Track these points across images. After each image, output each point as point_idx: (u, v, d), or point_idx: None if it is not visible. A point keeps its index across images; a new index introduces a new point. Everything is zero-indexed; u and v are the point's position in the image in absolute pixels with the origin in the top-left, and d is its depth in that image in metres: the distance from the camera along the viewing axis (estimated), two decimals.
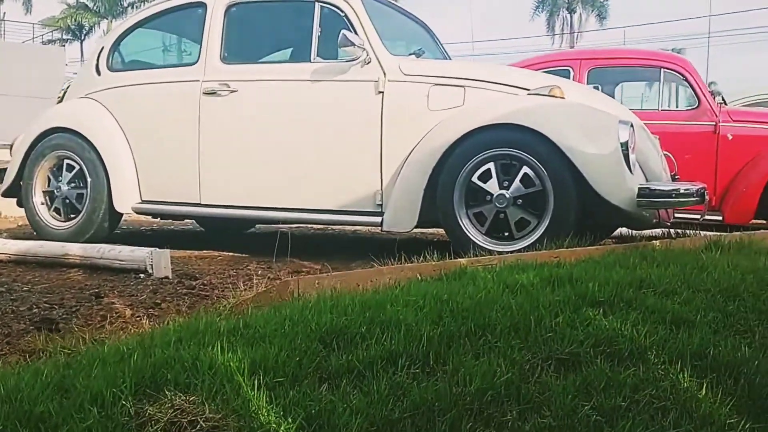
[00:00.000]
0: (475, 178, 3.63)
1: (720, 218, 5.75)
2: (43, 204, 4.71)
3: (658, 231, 4.14)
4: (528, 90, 3.77)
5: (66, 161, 4.64)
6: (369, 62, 3.96)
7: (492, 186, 3.59)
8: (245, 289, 2.76)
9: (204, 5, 4.41)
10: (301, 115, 4.08)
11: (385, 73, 3.93)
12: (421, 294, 2.35)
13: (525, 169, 3.53)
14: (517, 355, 2.00)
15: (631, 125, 3.53)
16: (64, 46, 35.10)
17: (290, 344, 1.92)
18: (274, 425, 1.57)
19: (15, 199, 4.93)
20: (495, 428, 1.73)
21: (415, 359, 1.91)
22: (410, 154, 3.81)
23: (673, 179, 4.09)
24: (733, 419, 1.80)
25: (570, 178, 3.45)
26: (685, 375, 1.96)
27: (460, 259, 3.00)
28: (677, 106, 6.25)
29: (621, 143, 3.45)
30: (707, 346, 2.12)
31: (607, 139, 3.47)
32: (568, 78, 6.19)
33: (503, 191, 3.56)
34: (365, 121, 3.93)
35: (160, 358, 1.83)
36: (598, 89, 6.84)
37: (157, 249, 3.38)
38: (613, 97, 6.77)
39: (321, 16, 4.11)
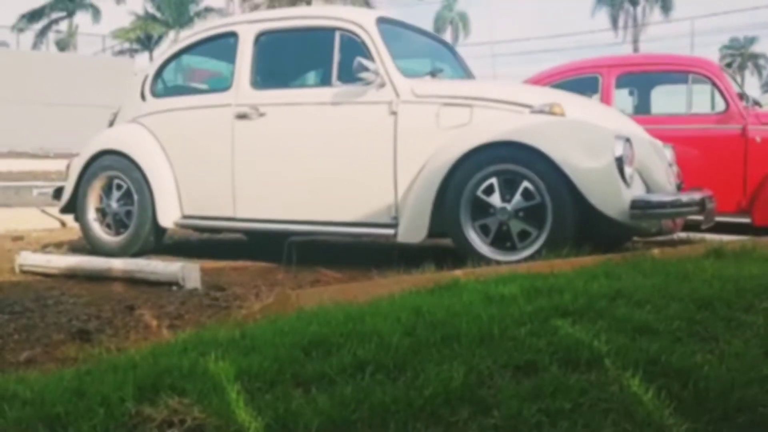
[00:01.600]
0: (479, 192, 3.87)
1: (749, 221, 5.81)
2: (95, 220, 5.16)
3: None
4: (531, 107, 3.98)
5: (115, 181, 5.08)
6: (383, 85, 4.24)
7: (495, 200, 3.82)
8: (255, 302, 3.08)
9: (236, 34, 4.78)
10: (323, 135, 4.40)
11: (398, 95, 4.20)
12: (403, 306, 2.62)
13: (525, 184, 3.76)
14: (478, 362, 2.23)
15: (627, 139, 3.70)
16: (133, 56, 36.54)
17: (275, 353, 2.22)
18: (247, 424, 1.87)
19: (73, 215, 5.41)
20: (444, 428, 1.98)
21: (382, 366, 2.17)
22: (421, 170, 4.07)
23: (679, 189, 4.23)
24: (674, 421, 2.00)
25: (567, 192, 3.65)
26: (635, 380, 2.16)
27: (456, 271, 3.26)
28: (712, 109, 6.30)
29: (616, 157, 3.63)
30: (663, 353, 2.31)
31: (602, 154, 3.66)
32: (597, 85, 6.35)
33: (505, 204, 3.79)
34: (380, 140, 4.21)
35: (163, 366, 2.16)
36: (633, 94, 7.01)
37: (188, 263, 3.74)
38: (649, 102, 6.89)
39: (340, 43, 4.41)
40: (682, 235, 4.74)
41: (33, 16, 37.62)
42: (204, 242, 6.08)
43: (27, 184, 12.15)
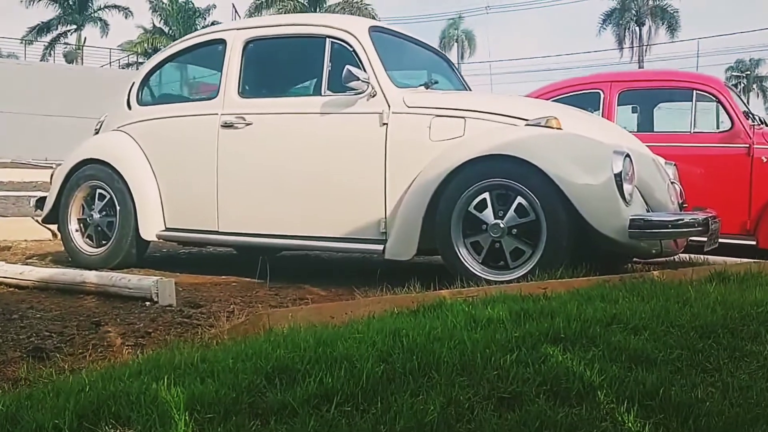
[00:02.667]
0: (471, 208, 3.69)
1: (754, 243, 5.61)
2: (77, 231, 5.00)
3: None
4: (527, 120, 3.81)
5: (98, 191, 4.92)
6: (374, 95, 4.07)
7: (487, 216, 3.64)
8: (227, 320, 2.90)
9: (224, 42, 4.62)
10: (311, 146, 4.23)
11: (389, 106, 4.03)
12: (381, 329, 2.42)
13: (519, 200, 3.57)
14: (457, 393, 2.04)
15: (627, 155, 3.52)
16: (139, 69, 36.58)
17: (234, 380, 2.03)
18: None
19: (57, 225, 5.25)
20: None
21: (350, 397, 1.98)
22: (412, 183, 3.90)
23: (681, 208, 4.04)
24: None
25: (562, 209, 3.47)
26: (631, 415, 1.97)
27: (441, 291, 3.06)
28: (716, 127, 6.12)
29: (615, 174, 3.45)
30: (662, 385, 2.11)
31: (600, 169, 3.48)
32: (598, 101, 6.18)
33: (498, 221, 3.61)
34: (370, 152, 4.04)
35: (110, 391, 1.97)
36: (635, 111, 6.83)
37: (163, 278, 3.56)
38: (651, 119, 6.71)
39: (331, 51, 4.25)
40: (684, 256, 4.55)
41: (42, 29, 37.81)
42: (192, 255, 5.90)
43: (25, 194, 12.02)
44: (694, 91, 5.90)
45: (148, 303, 3.52)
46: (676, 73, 6.58)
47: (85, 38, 39.65)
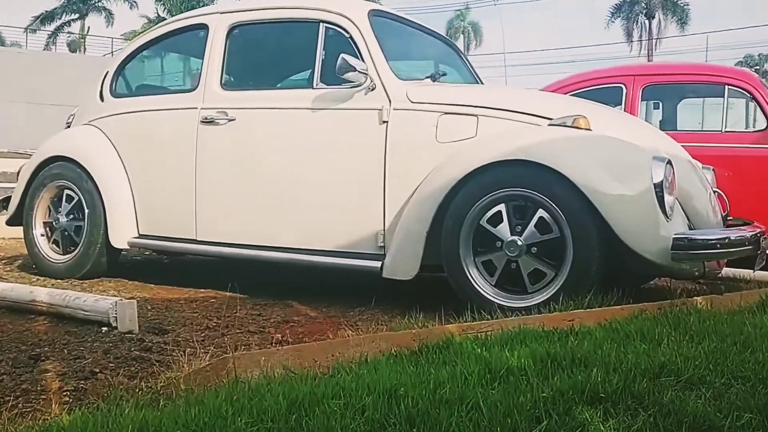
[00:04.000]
0: (483, 221, 3.17)
1: None
2: (43, 235, 4.50)
3: None
4: (550, 119, 3.28)
5: (66, 192, 4.42)
6: (373, 89, 3.56)
7: (503, 231, 3.12)
8: (190, 359, 2.39)
9: (206, 27, 4.10)
10: (301, 146, 3.71)
11: (390, 101, 3.52)
12: (374, 385, 1.91)
13: (541, 213, 3.06)
14: None
15: (669, 162, 3.00)
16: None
17: None
18: None
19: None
20: None
21: None
22: (414, 191, 3.38)
23: (725, 221, 3.51)
24: None
25: (592, 225, 2.95)
26: None
27: (448, 326, 2.55)
28: (745, 127, 5.60)
29: (654, 183, 2.93)
30: None
31: (638, 179, 2.96)
32: (621, 97, 5.64)
33: (515, 237, 3.09)
34: (368, 154, 3.53)
35: None
36: (658, 107, 6.29)
37: (123, 300, 3.05)
38: (675, 117, 6.18)
39: (325, 38, 3.73)
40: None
41: (46, 17, 37.34)
42: (173, 261, 5.38)
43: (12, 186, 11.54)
44: (727, 87, 5.35)
45: (105, 328, 3.01)
46: (707, 67, 6.03)
47: (89, 28, 39.18)
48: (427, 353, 2.33)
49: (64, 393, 2.27)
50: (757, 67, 49.85)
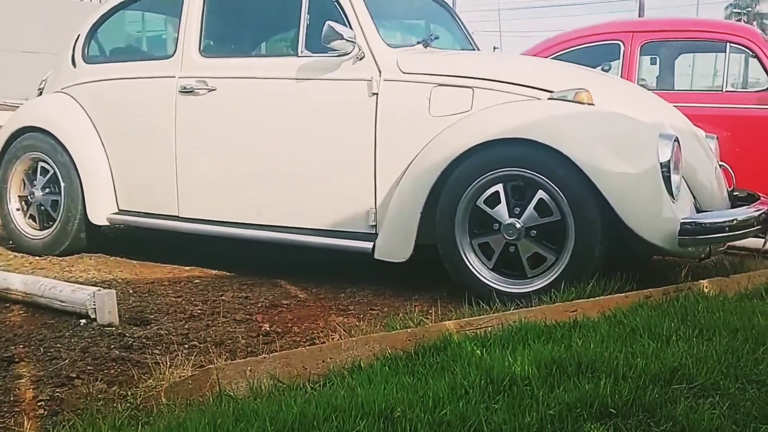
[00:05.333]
0: (481, 202, 3.01)
1: None
2: (18, 210, 4.30)
3: None
4: (551, 92, 3.10)
5: (40, 164, 4.20)
6: (362, 58, 3.34)
7: (500, 213, 2.97)
8: (172, 365, 2.25)
9: None
10: (285, 118, 3.51)
11: (380, 71, 3.31)
12: (368, 404, 1.77)
13: (540, 194, 2.90)
14: None
15: (676, 139, 2.83)
16: None
17: None
18: None
19: None
20: None
21: None
22: (407, 168, 3.21)
23: (731, 197, 3.37)
24: None
25: (595, 207, 2.80)
26: None
27: (445, 323, 2.41)
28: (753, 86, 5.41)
29: (661, 163, 2.77)
30: None
31: (643, 157, 2.80)
32: (618, 54, 5.43)
33: (513, 220, 2.94)
34: (357, 127, 3.34)
35: None
36: (655, 63, 6.07)
37: (101, 290, 2.88)
38: (672, 72, 5.97)
39: (310, 2, 3.49)
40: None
41: None
42: (157, 235, 5.18)
43: None
44: (728, 44, 5.15)
45: (83, 321, 2.86)
46: (707, 23, 5.80)
47: None
48: (423, 356, 2.20)
49: (39, 403, 2.13)
50: (749, 9, 49.27)
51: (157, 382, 2.16)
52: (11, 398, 2.17)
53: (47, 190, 4.20)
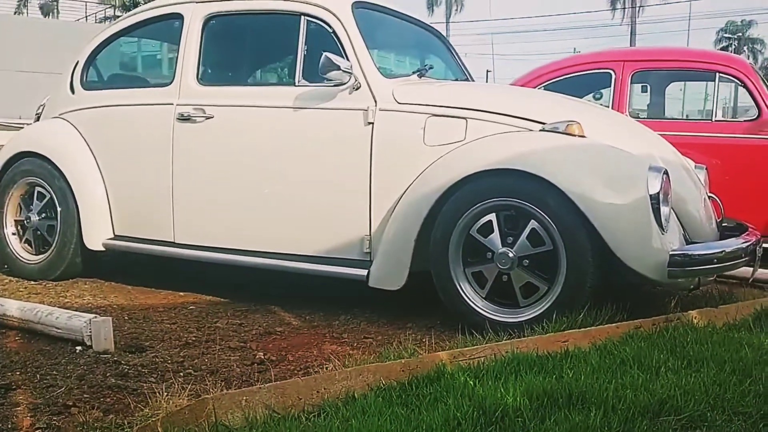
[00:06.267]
0: (474, 231, 3.06)
1: None
2: (14, 234, 4.33)
3: None
4: (542, 123, 3.16)
5: (37, 189, 4.24)
6: (358, 88, 3.40)
7: (494, 242, 3.01)
8: (168, 393, 2.27)
9: (181, 17, 3.91)
10: (282, 146, 3.56)
11: (376, 101, 3.37)
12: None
13: (533, 224, 2.95)
14: None
15: (665, 172, 2.89)
16: None
17: None
18: None
19: None
20: None
21: None
22: (402, 196, 3.26)
23: (720, 228, 3.42)
24: None
25: (586, 238, 2.85)
26: None
27: (439, 353, 2.45)
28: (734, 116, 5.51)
29: (650, 195, 2.82)
30: None
31: (633, 189, 2.85)
32: (610, 82, 5.52)
33: (506, 249, 2.98)
34: (353, 156, 3.39)
35: None
36: (646, 91, 6.16)
37: (97, 317, 2.91)
38: (663, 101, 6.07)
39: (307, 32, 3.56)
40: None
41: None
42: (152, 259, 5.20)
43: None
44: (717, 74, 5.25)
45: (79, 348, 2.88)
46: (697, 53, 5.91)
47: None
48: (417, 387, 2.23)
49: (37, 431, 2.15)
50: (740, 34, 49.86)
51: (153, 411, 2.18)
52: (9, 426, 2.18)
53: (43, 215, 4.23)
